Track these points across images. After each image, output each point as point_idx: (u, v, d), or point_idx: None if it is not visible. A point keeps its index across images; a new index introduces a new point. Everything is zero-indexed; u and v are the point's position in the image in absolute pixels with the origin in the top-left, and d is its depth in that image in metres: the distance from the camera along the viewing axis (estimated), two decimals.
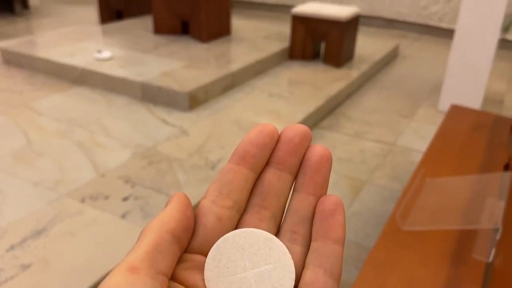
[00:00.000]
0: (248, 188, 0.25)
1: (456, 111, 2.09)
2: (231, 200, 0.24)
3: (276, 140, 0.25)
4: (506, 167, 1.55)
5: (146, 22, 4.26)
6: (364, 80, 3.61)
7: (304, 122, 2.65)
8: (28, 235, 1.61)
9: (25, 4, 5.61)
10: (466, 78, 2.91)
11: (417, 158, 2.28)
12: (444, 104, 3.00)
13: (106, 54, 3.22)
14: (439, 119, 2.54)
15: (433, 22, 5.18)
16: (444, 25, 5.10)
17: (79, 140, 2.33)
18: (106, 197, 1.85)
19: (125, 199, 1.85)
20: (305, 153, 0.25)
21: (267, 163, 0.25)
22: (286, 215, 0.25)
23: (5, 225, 1.66)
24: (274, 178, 0.25)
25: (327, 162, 0.25)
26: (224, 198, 0.24)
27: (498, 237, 1.14)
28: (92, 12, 5.51)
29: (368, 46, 4.20)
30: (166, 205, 0.23)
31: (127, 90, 2.90)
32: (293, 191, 0.26)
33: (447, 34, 5.01)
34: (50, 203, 1.80)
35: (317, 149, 0.25)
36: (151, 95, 2.82)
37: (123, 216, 1.75)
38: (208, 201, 0.24)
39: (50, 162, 2.11)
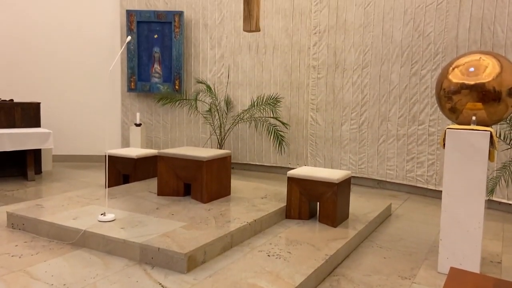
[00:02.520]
0: None
1: (456, 275, 2.09)
2: None
3: None
4: None
5: (150, 185, 4.51)
6: (361, 239, 3.66)
7: (304, 285, 2.60)
8: None
9: (38, 170, 5.99)
10: (460, 240, 2.97)
11: None
12: (443, 266, 3.00)
13: (109, 216, 3.34)
14: (440, 281, 2.51)
15: (421, 184, 5.49)
16: (431, 186, 5.39)
17: None
18: None
19: None
20: None
21: None
22: None
23: None
24: None
25: None
26: None
27: None
28: (101, 176, 5.86)
29: (361, 205, 4.37)
30: None
31: (126, 252, 2.92)
32: None
33: (436, 194, 5.26)
34: None
35: None
36: (149, 257, 2.83)
37: None
38: None
39: None
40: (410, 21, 5.43)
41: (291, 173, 3.91)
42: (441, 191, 3.12)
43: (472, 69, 3.36)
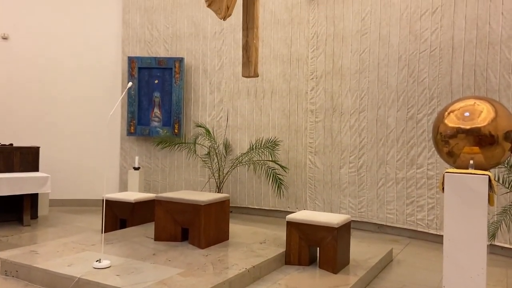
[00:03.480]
0: None
1: None
2: None
3: None
4: None
5: (147, 230, 4.44)
6: (363, 286, 3.56)
7: None
8: None
9: (34, 215, 5.92)
10: (463, 286, 2.89)
11: None
12: None
13: (104, 263, 3.26)
14: None
15: (422, 228, 5.42)
16: (432, 231, 5.32)
17: None
18: None
19: None
20: None
21: None
22: None
23: None
24: None
25: None
26: None
27: None
28: (97, 221, 5.78)
29: (362, 250, 4.29)
30: None
31: None
32: None
33: (438, 238, 5.18)
34: None
35: None
36: None
37: None
38: None
39: None
40: (405, 67, 5.58)
41: (290, 217, 3.87)
42: (442, 236, 3.08)
43: (467, 113, 3.41)
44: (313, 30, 6.38)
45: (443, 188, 3.14)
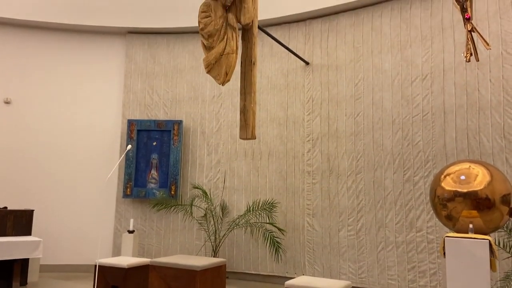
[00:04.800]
0: None
1: None
2: None
3: None
4: None
5: None
6: None
7: None
8: None
9: (23, 282, 5.70)
10: None
11: None
12: None
13: None
14: None
15: None
16: None
17: None
18: None
19: None
20: None
21: None
22: None
23: None
24: None
25: None
26: None
27: None
28: (89, 287, 5.56)
29: None
30: None
31: None
32: None
33: None
34: None
35: None
36: None
37: None
38: None
39: None
40: (399, 131, 5.71)
41: (289, 283, 3.75)
42: None
43: (463, 177, 3.45)
44: (309, 94, 6.60)
45: (444, 253, 3.09)
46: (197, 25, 4.29)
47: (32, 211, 6.13)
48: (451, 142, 5.21)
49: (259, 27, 4.50)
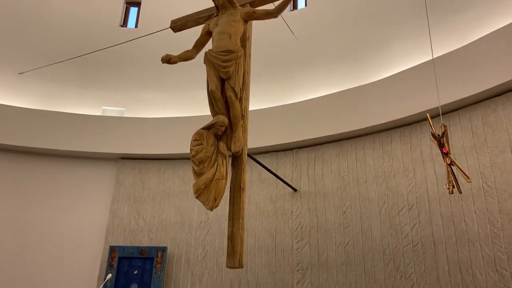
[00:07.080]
0: None
1: None
2: None
3: None
4: None
5: None
6: None
7: None
8: None
9: None
10: None
11: None
12: None
13: None
14: None
15: None
16: None
17: None
18: None
19: None
20: None
21: None
22: None
23: None
24: None
25: None
26: None
27: None
28: None
29: None
30: None
31: None
32: None
33: None
34: None
35: None
36: None
37: None
38: None
39: None
40: (390, 262, 5.53)
41: None
42: None
43: None
44: (297, 221, 6.53)
45: None
46: (189, 151, 4.43)
47: None
48: (445, 275, 5.03)
49: (248, 155, 4.66)
